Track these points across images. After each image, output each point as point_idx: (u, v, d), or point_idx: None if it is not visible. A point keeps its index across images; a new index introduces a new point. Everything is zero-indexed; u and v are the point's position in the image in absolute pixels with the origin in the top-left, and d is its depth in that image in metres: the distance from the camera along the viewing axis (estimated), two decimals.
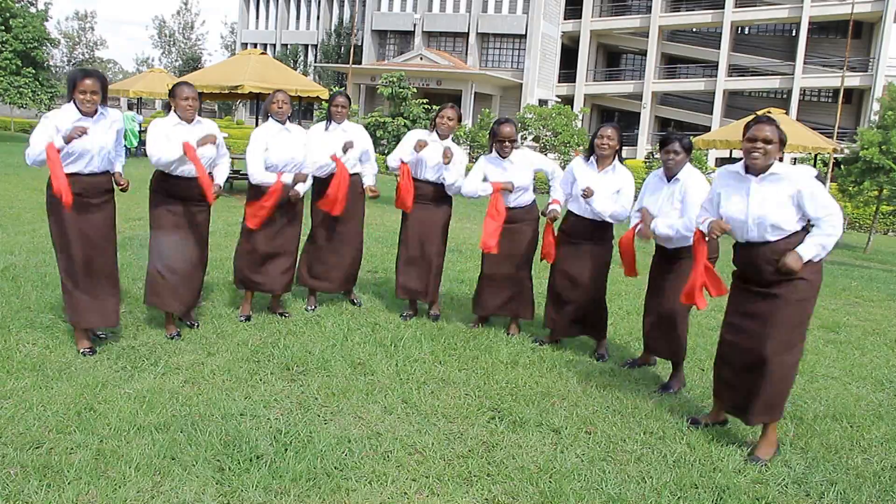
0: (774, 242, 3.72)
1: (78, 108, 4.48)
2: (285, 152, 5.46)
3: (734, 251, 3.96)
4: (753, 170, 3.79)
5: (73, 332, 4.77)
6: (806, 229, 3.75)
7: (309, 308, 6.10)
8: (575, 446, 3.83)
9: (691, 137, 5.01)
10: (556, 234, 5.46)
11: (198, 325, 5.36)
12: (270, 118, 5.50)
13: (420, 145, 5.68)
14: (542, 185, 19.04)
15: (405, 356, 5.05)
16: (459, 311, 6.44)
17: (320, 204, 5.85)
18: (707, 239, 4.05)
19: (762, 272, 3.78)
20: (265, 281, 5.65)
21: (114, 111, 4.73)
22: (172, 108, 5.06)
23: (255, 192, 5.45)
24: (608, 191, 5.13)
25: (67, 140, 4.33)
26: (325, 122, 6.02)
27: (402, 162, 5.82)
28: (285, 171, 5.47)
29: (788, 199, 3.69)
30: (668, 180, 4.76)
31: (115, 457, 3.33)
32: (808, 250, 3.67)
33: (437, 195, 5.90)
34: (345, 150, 5.84)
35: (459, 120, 5.96)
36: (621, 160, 5.26)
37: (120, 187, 4.81)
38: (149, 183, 5.14)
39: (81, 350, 4.64)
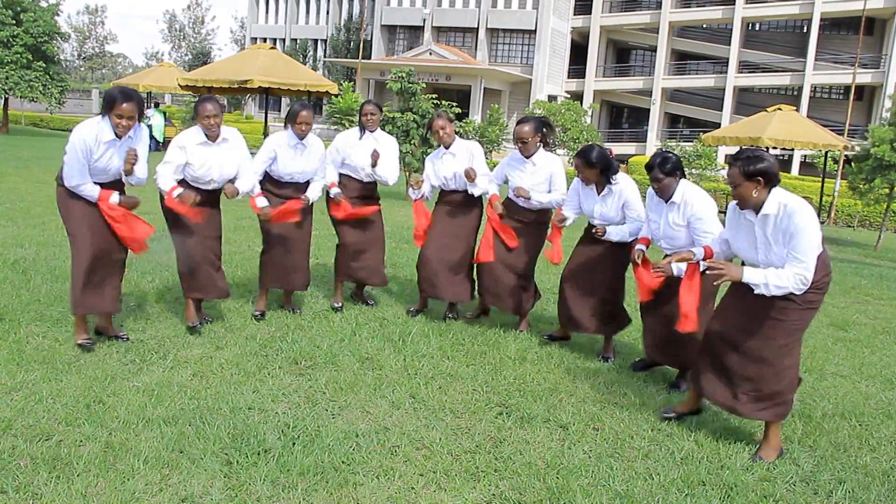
0: None
1: (112, 129, 4.39)
2: (294, 166, 5.49)
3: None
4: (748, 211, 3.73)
5: (74, 324, 4.72)
6: None
7: (336, 304, 6.05)
8: (582, 442, 3.83)
9: (700, 133, 4.92)
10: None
11: (209, 321, 5.37)
12: (290, 129, 5.50)
13: (415, 183, 5.92)
14: None
15: (413, 351, 5.05)
16: (466, 306, 6.43)
17: (332, 211, 5.88)
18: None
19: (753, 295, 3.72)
20: (285, 280, 5.70)
21: (140, 128, 4.64)
22: (198, 124, 4.99)
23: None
24: (612, 210, 5.08)
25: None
26: (357, 131, 5.97)
27: (414, 200, 5.99)
28: (292, 181, 5.52)
29: (784, 237, 3.58)
30: (666, 202, 4.55)
31: (124, 449, 3.35)
32: (754, 275, 3.60)
33: (464, 199, 5.89)
34: (373, 164, 5.86)
35: (452, 121, 5.90)
36: (611, 179, 5.07)
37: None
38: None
39: (79, 342, 4.58)
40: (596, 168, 4.95)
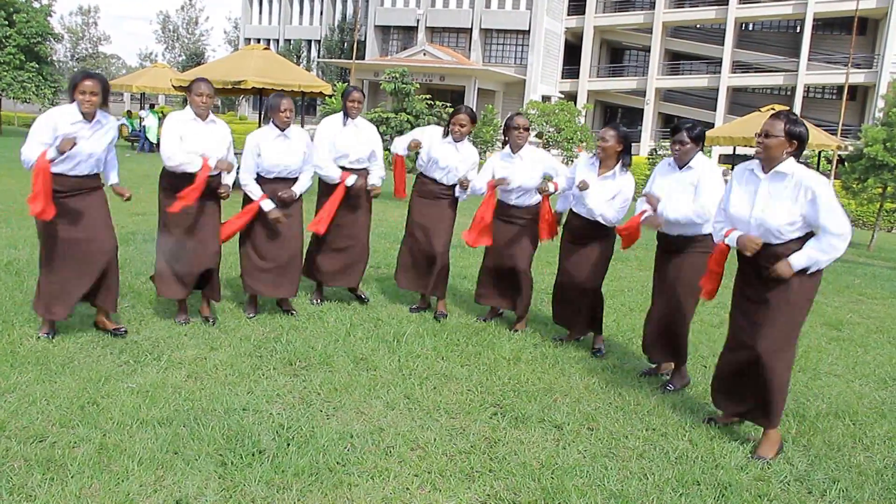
0: (773, 246, 3.69)
1: (79, 109, 4.53)
2: (279, 158, 5.43)
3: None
4: (764, 166, 3.75)
5: (42, 319, 4.82)
6: (809, 235, 3.66)
7: (314, 302, 6.12)
8: (577, 442, 3.83)
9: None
10: (557, 220, 5.56)
11: (214, 322, 5.37)
12: (272, 122, 5.49)
13: (413, 145, 5.95)
14: None
15: (408, 352, 5.05)
16: (462, 306, 6.44)
17: (310, 227, 5.86)
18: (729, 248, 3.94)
19: (759, 273, 3.76)
20: (270, 287, 5.63)
21: (111, 119, 4.78)
22: (189, 102, 5.11)
23: (246, 197, 5.52)
24: (604, 195, 5.04)
25: (60, 151, 4.39)
26: (341, 118, 5.98)
27: (397, 154, 6.14)
28: (279, 176, 5.48)
29: (794, 204, 3.60)
30: (680, 168, 4.64)
31: (118, 451, 3.34)
32: (800, 260, 3.61)
33: (444, 192, 5.94)
34: (355, 185, 5.87)
35: (474, 122, 5.92)
36: (626, 165, 5.11)
37: (124, 198, 4.98)
38: (158, 179, 5.16)
39: (41, 334, 4.74)
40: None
